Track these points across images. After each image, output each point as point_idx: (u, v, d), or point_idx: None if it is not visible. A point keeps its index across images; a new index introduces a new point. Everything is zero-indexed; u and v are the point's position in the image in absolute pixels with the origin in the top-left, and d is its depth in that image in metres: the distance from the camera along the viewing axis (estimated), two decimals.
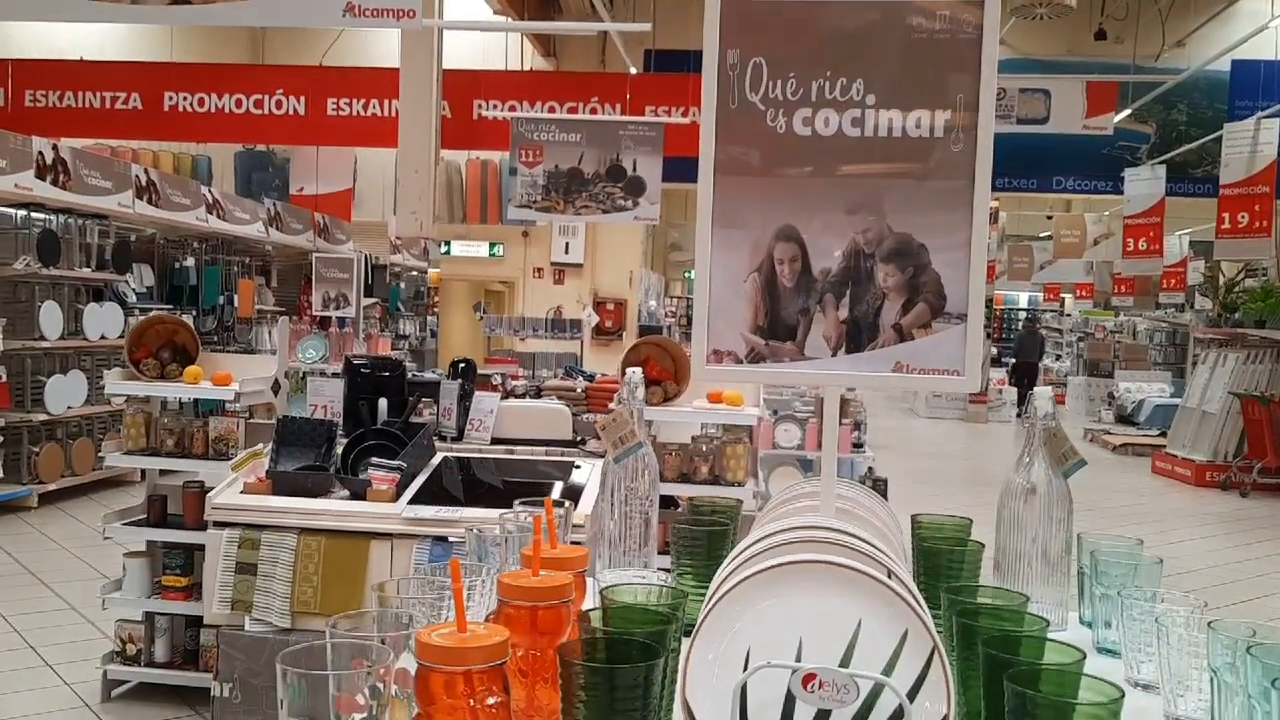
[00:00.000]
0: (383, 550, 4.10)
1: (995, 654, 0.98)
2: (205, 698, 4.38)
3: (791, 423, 7.02)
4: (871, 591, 1.01)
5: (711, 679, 1.00)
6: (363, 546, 4.10)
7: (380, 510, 4.09)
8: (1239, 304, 12.81)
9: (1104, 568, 1.61)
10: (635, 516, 1.82)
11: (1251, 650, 1.11)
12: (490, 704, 0.97)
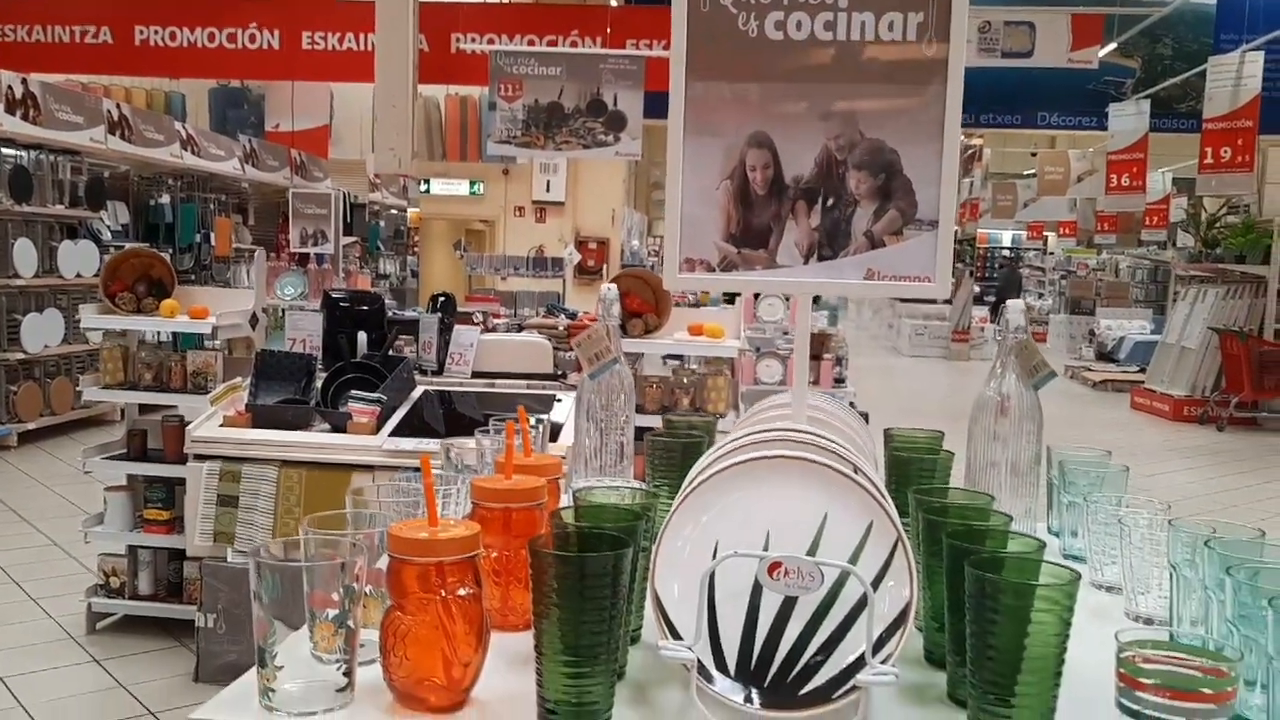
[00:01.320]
0: (364, 482, 4.12)
1: (959, 545, 1.00)
2: (190, 629, 4.42)
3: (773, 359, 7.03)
4: (838, 485, 1.02)
5: (680, 570, 1.01)
6: (344, 479, 4.11)
7: (361, 442, 4.10)
8: (1220, 240, 12.85)
9: (1072, 477, 1.63)
10: (611, 435, 1.82)
11: (1209, 544, 1.13)
12: (462, 595, 0.98)
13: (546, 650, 0.96)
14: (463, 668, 0.98)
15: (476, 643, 0.99)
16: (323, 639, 1.03)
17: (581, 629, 0.95)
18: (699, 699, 0.97)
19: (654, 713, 1.00)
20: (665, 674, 1.08)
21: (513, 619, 1.20)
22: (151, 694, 4.07)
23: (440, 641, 0.96)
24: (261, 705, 0.98)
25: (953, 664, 1.06)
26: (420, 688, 0.97)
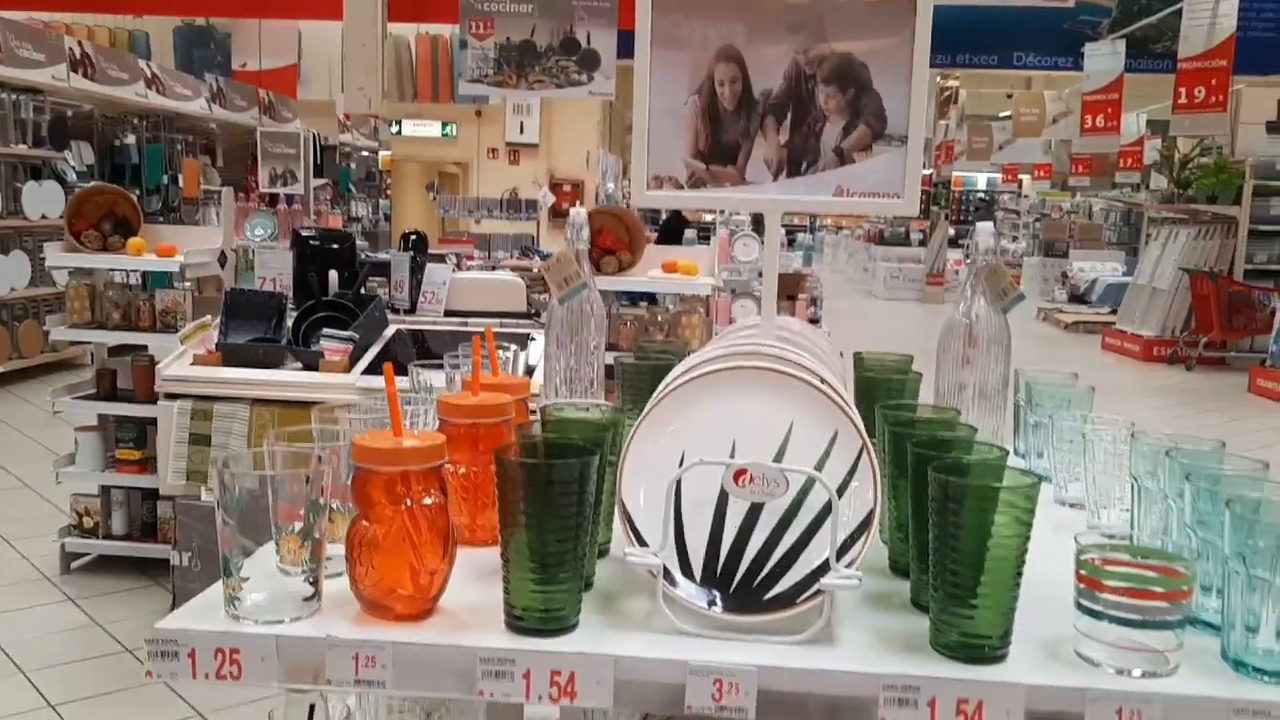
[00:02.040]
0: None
1: (923, 453, 1.00)
2: (165, 568, 4.42)
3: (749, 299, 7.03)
4: (804, 395, 1.02)
5: (647, 478, 1.01)
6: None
7: (333, 380, 4.08)
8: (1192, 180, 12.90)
9: (1038, 399, 1.65)
10: (582, 363, 1.82)
11: (1170, 454, 1.14)
12: (427, 504, 0.97)
13: (513, 559, 0.96)
14: (429, 576, 0.98)
15: (443, 551, 0.99)
16: (289, 552, 1.03)
17: (548, 538, 0.95)
18: (665, 605, 0.98)
19: (621, 620, 1.01)
20: (633, 585, 1.09)
21: (481, 535, 1.20)
22: (128, 632, 4.07)
23: (406, 550, 0.96)
24: (227, 614, 0.98)
25: (916, 572, 1.07)
26: (387, 596, 0.98)
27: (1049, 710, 0.90)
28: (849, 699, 0.91)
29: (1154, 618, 0.91)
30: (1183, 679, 0.92)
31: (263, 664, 0.93)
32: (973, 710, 0.90)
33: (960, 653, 0.94)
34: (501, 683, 0.92)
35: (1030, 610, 0.98)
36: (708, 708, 0.91)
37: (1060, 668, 0.94)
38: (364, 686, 0.93)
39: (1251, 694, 0.90)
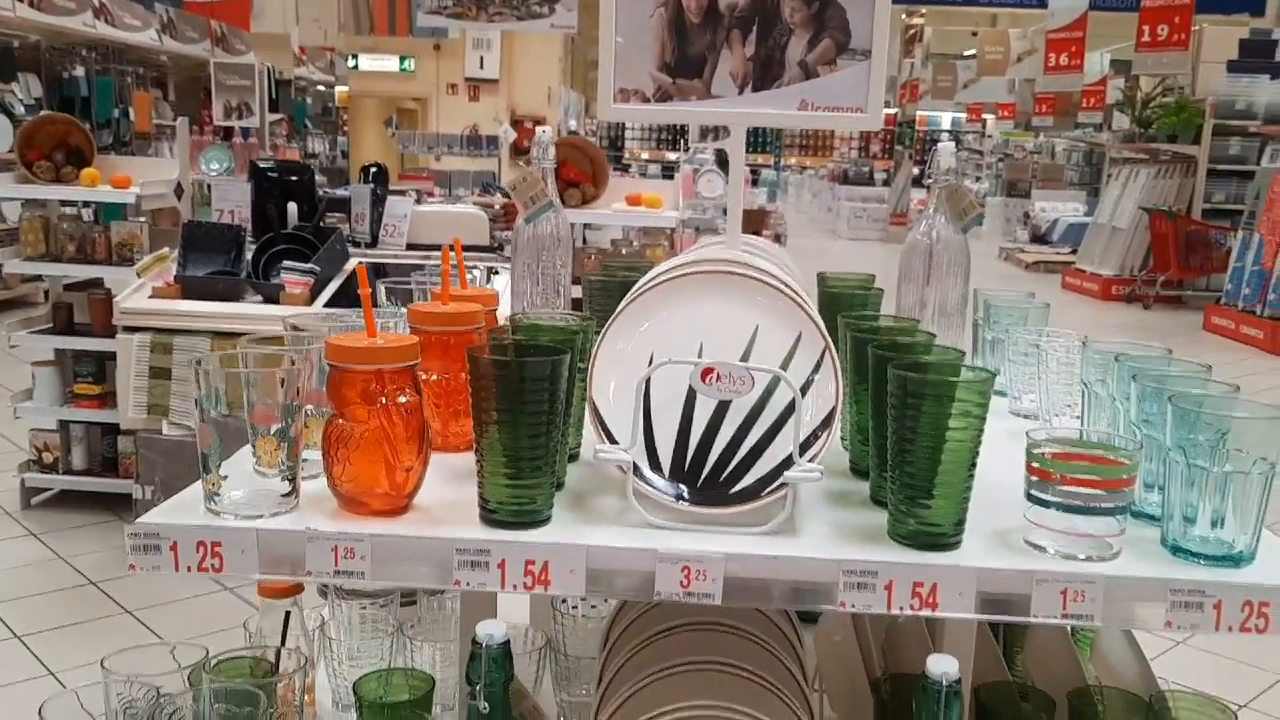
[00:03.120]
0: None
1: (884, 354, 1.04)
2: (127, 503, 4.41)
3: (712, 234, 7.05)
4: (769, 298, 1.05)
5: (617, 378, 1.04)
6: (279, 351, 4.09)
7: (295, 313, 4.05)
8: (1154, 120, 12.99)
9: (996, 316, 1.69)
10: (548, 283, 1.83)
11: (1118, 359, 1.19)
12: (402, 402, 1.00)
13: (487, 455, 0.99)
14: (404, 473, 1.00)
15: (418, 449, 1.01)
16: (265, 453, 1.05)
17: (520, 434, 0.97)
18: (635, 499, 1.01)
19: (592, 515, 1.04)
20: (603, 485, 1.12)
21: (453, 441, 1.22)
22: (91, 565, 4.08)
23: (382, 447, 0.98)
24: (207, 509, 1.00)
25: (875, 470, 1.12)
26: (364, 493, 1.00)
27: (999, 592, 0.95)
28: (810, 583, 0.95)
29: (1098, 505, 0.96)
30: (1124, 562, 0.97)
31: (243, 556, 0.96)
32: (927, 593, 0.94)
33: (916, 541, 0.99)
34: (477, 572, 0.95)
35: (984, 507, 1.03)
36: (676, 594, 0.95)
37: (1010, 554, 0.99)
38: (343, 577, 0.95)
39: (1187, 574, 0.96)
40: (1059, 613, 0.94)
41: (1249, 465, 0.96)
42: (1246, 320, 9.73)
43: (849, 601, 0.95)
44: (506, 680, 0.97)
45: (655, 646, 1.22)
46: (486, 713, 0.95)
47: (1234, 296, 10.13)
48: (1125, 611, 0.94)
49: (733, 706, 1.08)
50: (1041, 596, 0.94)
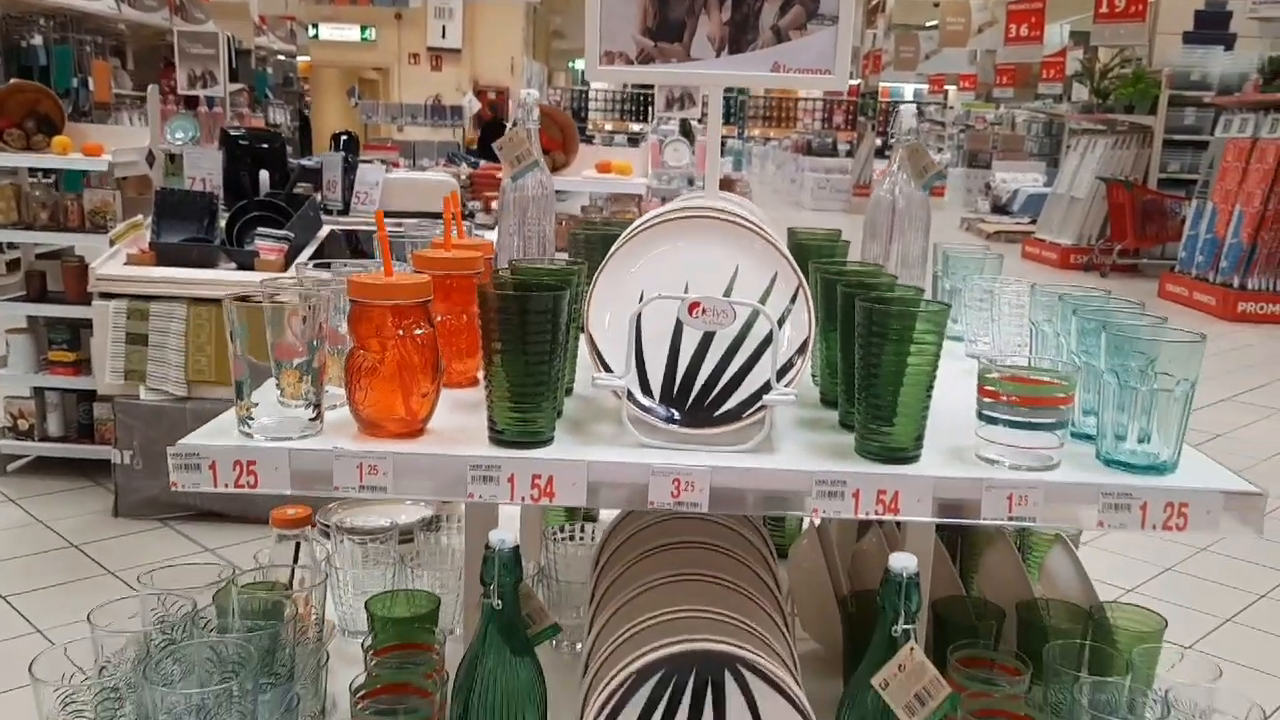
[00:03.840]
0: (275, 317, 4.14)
1: (852, 291, 1.15)
2: (104, 469, 4.45)
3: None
4: (747, 241, 1.16)
5: (611, 314, 1.15)
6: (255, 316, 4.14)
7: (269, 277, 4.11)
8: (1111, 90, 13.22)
9: (954, 266, 1.81)
10: (533, 240, 1.93)
11: (1063, 298, 1.31)
12: (418, 334, 1.10)
13: (494, 383, 1.09)
14: (420, 399, 1.11)
15: (432, 377, 1.11)
16: (289, 385, 1.14)
17: (525, 363, 1.08)
18: (629, 422, 1.12)
19: (590, 438, 1.15)
20: (599, 414, 1.23)
21: (457, 378, 1.32)
22: (72, 529, 4.13)
23: (400, 375, 1.08)
24: (240, 433, 1.10)
25: (843, 399, 1.23)
26: (384, 417, 1.10)
27: (953, 498, 1.07)
28: (787, 492, 1.07)
29: (1040, 420, 1.08)
30: (1063, 472, 1.10)
31: (276, 473, 1.05)
32: (890, 499, 1.06)
33: (880, 456, 1.11)
34: (488, 485, 1.06)
35: (941, 431, 1.16)
36: (667, 503, 1.06)
37: (963, 466, 1.11)
38: (368, 492, 1.06)
39: (1117, 480, 1.08)
40: (1005, 515, 1.06)
41: (1173, 385, 1.09)
42: (1199, 287, 10.00)
43: (821, 508, 1.07)
44: (516, 581, 1.08)
45: (644, 563, 1.33)
46: (500, 608, 1.06)
47: (1188, 264, 10.40)
48: (1063, 513, 1.07)
49: (718, 611, 1.20)
50: (990, 501, 1.06)
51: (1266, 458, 5.61)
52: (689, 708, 1.14)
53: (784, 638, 1.26)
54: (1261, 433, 6.09)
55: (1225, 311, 9.54)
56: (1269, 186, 9.43)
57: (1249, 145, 9.86)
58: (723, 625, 1.18)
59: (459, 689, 1.09)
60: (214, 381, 4.15)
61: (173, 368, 4.16)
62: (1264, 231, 9.49)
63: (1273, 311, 9.48)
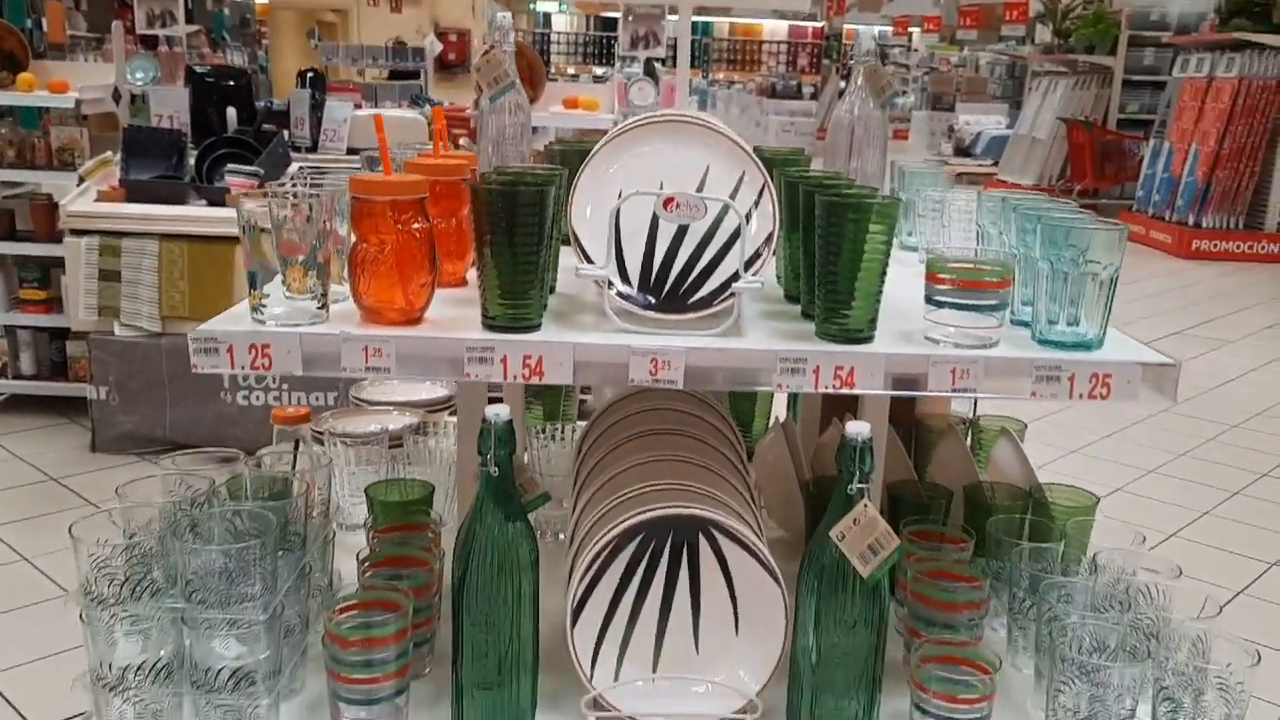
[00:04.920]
0: None
1: (813, 189, 1.26)
2: (79, 406, 4.50)
3: None
4: (716, 143, 1.26)
5: (592, 208, 1.25)
6: (228, 252, 4.19)
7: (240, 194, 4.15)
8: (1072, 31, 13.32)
9: (910, 180, 1.92)
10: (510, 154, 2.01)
11: (1005, 199, 1.43)
12: (416, 228, 1.19)
13: (487, 275, 1.19)
14: (419, 288, 1.20)
15: (429, 267, 1.21)
16: (294, 280, 1.23)
17: (515, 256, 1.18)
18: (609, 308, 1.23)
19: (575, 325, 1.25)
20: (581, 307, 1.34)
21: (445, 279, 1.42)
22: (51, 464, 4.19)
23: (399, 266, 1.18)
24: (253, 320, 1.19)
25: (804, 293, 1.34)
26: (385, 305, 1.20)
27: (903, 373, 1.19)
28: (754, 369, 1.19)
29: (982, 301, 1.20)
30: (1001, 350, 1.22)
31: (288, 356, 1.15)
32: (846, 374, 1.18)
33: (838, 337, 1.22)
34: (484, 366, 1.17)
35: (894, 319, 1.27)
36: (646, 380, 1.17)
37: (913, 345, 1.23)
38: (372, 373, 1.16)
39: (1049, 356, 1.21)
40: (949, 387, 1.18)
41: (1100, 270, 1.21)
42: (1156, 226, 10.22)
43: (784, 383, 1.18)
44: (510, 452, 1.19)
45: (623, 448, 1.45)
46: (496, 475, 1.17)
47: (1145, 203, 10.61)
48: (1001, 385, 1.19)
49: (692, 484, 1.32)
50: (936, 374, 1.18)
51: (1213, 387, 5.84)
52: (666, 567, 1.26)
53: (751, 510, 1.38)
54: (1209, 364, 6.32)
55: (1180, 249, 9.77)
56: (1224, 125, 9.62)
57: (1205, 84, 10.03)
58: (696, 495, 1.30)
59: (458, 554, 1.20)
60: (188, 317, 4.20)
61: (146, 304, 4.20)
62: (1219, 170, 9.70)
63: (1225, 249, 9.72)
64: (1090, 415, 5.24)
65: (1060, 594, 1.35)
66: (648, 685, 1.27)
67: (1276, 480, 4.52)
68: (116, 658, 1.14)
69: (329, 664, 1.21)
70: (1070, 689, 1.23)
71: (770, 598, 1.26)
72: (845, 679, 1.22)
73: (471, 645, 1.21)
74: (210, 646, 1.14)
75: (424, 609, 1.32)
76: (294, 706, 1.28)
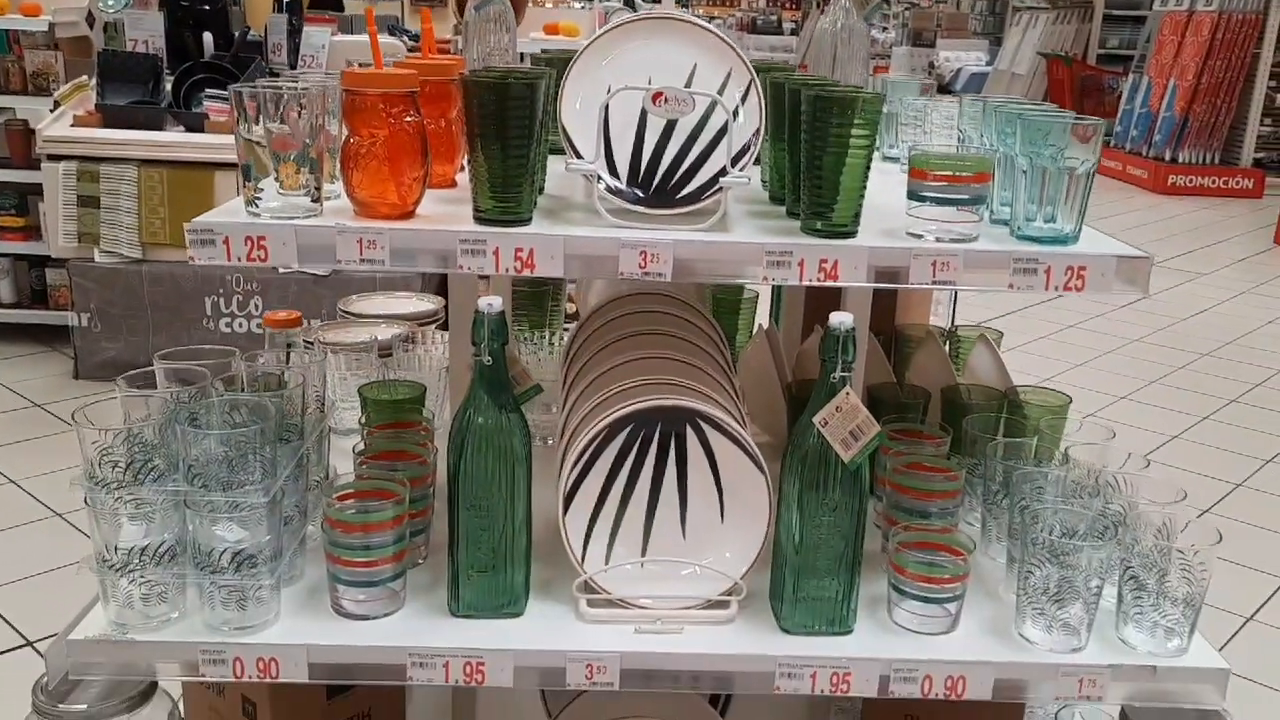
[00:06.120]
0: (228, 180, 4.16)
1: (799, 88, 1.28)
2: (60, 334, 4.50)
3: None
4: (703, 40, 1.27)
5: (582, 102, 1.27)
6: (208, 178, 4.16)
7: (222, 141, 4.12)
8: None
9: (892, 90, 1.94)
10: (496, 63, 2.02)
11: (986, 102, 1.46)
12: (408, 121, 1.21)
13: (480, 168, 1.21)
14: (411, 182, 1.22)
15: (420, 161, 1.23)
16: (287, 177, 1.25)
17: (506, 150, 1.20)
18: (599, 202, 1.25)
19: (565, 220, 1.28)
20: (570, 206, 1.36)
21: (435, 180, 1.43)
22: (35, 390, 4.20)
23: (391, 159, 1.20)
24: (248, 213, 1.21)
25: (790, 193, 1.37)
26: (378, 199, 1.22)
27: (885, 265, 1.22)
28: (740, 263, 1.21)
29: (961, 195, 1.23)
30: (981, 244, 1.26)
31: (284, 248, 1.17)
32: (830, 267, 1.21)
33: (822, 232, 1.25)
34: (476, 258, 1.19)
35: (877, 218, 1.30)
36: (635, 273, 1.20)
37: (895, 240, 1.26)
38: (367, 265, 1.18)
39: (1026, 249, 1.24)
40: (930, 279, 1.22)
41: (1078, 164, 1.25)
42: (1133, 161, 10.25)
43: (769, 277, 1.22)
44: (503, 344, 1.22)
45: (612, 347, 1.48)
46: (489, 365, 1.20)
47: (1123, 138, 10.63)
48: (979, 278, 1.23)
49: (679, 380, 1.36)
50: (917, 268, 1.22)
51: (1186, 318, 5.93)
52: (654, 457, 1.30)
53: (736, 405, 1.43)
54: (1182, 294, 6.41)
55: (1156, 185, 9.82)
56: (1203, 59, 9.62)
57: (1185, 18, 10.00)
58: (683, 389, 1.34)
59: (452, 441, 1.24)
60: (169, 244, 4.18)
61: (126, 230, 4.18)
62: (1196, 104, 9.72)
63: (1201, 184, 9.78)
64: (1064, 344, 5.32)
65: (1033, 486, 1.40)
66: (637, 570, 1.32)
67: (1245, 405, 4.62)
68: (121, 540, 1.17)
69: (328, 548, 1.25)
70: (1040, 571, 1.29)
71: (754, 485, 1.30)
72: (826, 562, 1.28)
73: (467, 530, 1.25)
74: (213, 530, 1.18)
75: (419, 499, 1.36)
76: (294, 592, 1.32)
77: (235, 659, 1.21)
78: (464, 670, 1.24)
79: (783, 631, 1.30)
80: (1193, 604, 1.29)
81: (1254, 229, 8.46)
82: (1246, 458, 4.02)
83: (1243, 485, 3.79)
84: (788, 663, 1.26)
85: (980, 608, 1.39)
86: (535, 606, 1.32)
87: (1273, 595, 3.03)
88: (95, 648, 1.21)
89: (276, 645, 1.22)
